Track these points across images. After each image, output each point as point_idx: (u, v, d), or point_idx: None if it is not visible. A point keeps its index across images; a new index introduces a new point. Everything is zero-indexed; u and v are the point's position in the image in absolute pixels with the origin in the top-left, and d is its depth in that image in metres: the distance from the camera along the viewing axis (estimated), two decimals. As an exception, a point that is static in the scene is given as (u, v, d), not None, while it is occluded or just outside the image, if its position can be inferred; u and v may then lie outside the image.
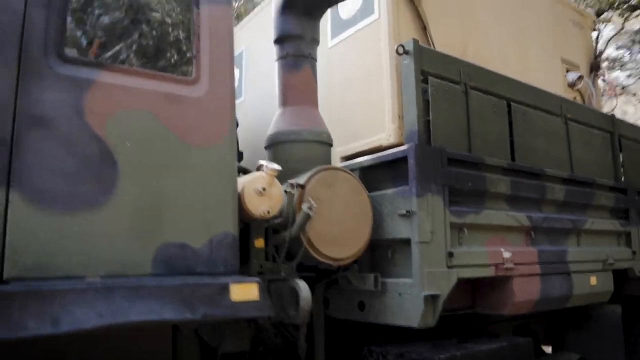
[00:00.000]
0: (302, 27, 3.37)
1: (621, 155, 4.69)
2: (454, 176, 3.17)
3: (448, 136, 3.29)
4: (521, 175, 3.64)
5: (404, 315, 2.94)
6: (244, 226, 2.69)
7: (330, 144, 3.43)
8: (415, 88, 3.16)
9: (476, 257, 3.21)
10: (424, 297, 2.83)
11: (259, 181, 2.61)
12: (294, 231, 2.75)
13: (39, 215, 1.99)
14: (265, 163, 2.67)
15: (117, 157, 2.19)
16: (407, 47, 3.22)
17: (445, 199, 3.09)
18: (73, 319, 1.86)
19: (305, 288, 2.67)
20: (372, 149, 3.58)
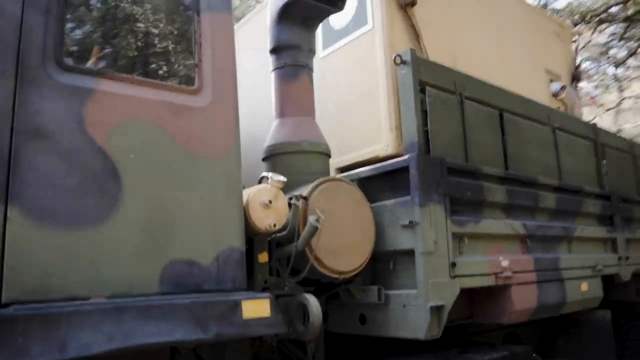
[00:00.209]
0: (299, 37, 3.32)
1: (603, 163, 4.81)
2: (454, 186, 3.17)
3: (446, 146, 3.29)
4: (516, 183, 3.67)
5: (409, 327, 2.89)
6: (247, 240, 2.59)
7: (329, 155, 3.38)
8: (414, 98, 3.16)
9: (477, 267, 3.21)
10: (430, 308, 2.80)
11: (264, 193, 2.52)
12: (300, 244, 2.68)
13: (39, 233, 1.87)
14: (270, 175, 2.59)
15: (120, 170, 2.09)
16: (405, 57, 3.22)
17: (447, 208, 3.08)
18: (81, 343, 1.74)
19: (316, 303, 2.59)
20: (368, 159, 3.55)
